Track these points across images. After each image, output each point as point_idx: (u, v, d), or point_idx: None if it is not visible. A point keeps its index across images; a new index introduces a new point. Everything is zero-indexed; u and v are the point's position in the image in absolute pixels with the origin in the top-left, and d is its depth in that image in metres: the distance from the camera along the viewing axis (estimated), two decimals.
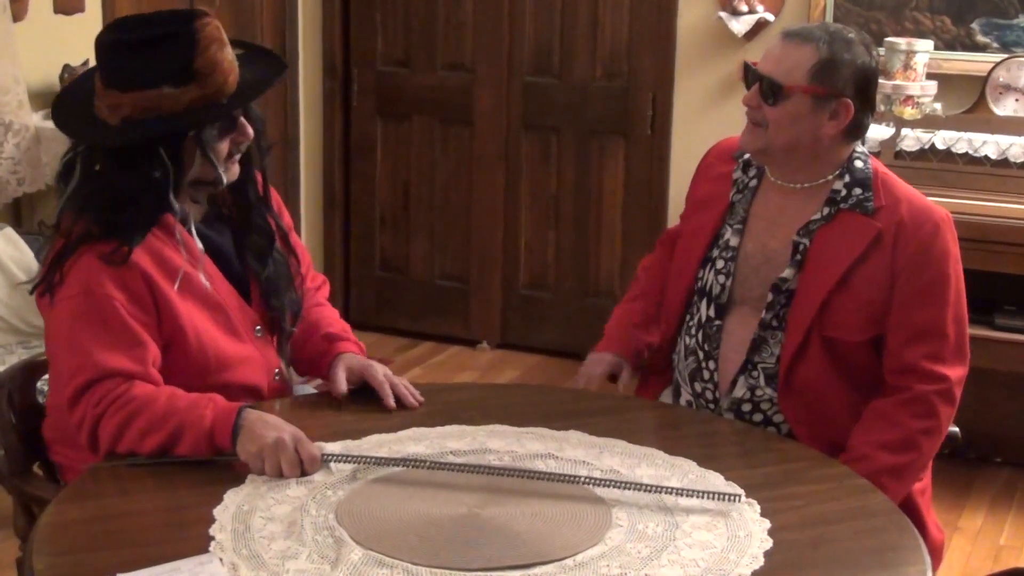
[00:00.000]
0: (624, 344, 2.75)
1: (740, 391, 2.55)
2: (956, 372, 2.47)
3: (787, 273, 2.51)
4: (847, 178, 2.51)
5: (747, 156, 2.62)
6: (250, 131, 2.36)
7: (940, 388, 2.44)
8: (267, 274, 2.46)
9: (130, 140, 2.25)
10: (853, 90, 2.46)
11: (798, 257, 2.51)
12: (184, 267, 2.30)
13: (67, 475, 2.40)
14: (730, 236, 2.60)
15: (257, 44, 2.50)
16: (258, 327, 2.45)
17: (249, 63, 2.35)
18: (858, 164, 2.53)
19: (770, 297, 2.52)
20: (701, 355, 2.60)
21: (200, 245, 2.35)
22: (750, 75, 2.51)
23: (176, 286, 2.29)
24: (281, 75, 2.45)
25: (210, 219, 2.44)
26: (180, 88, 2.24)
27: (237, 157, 2.38)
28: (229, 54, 2.30)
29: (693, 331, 2.62)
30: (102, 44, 2.30)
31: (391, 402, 2.41)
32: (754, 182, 2.62)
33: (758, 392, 2.54)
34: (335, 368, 2.48)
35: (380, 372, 2.46)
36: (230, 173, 2.38)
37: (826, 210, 2.51)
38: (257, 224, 2.47)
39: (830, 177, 2.53)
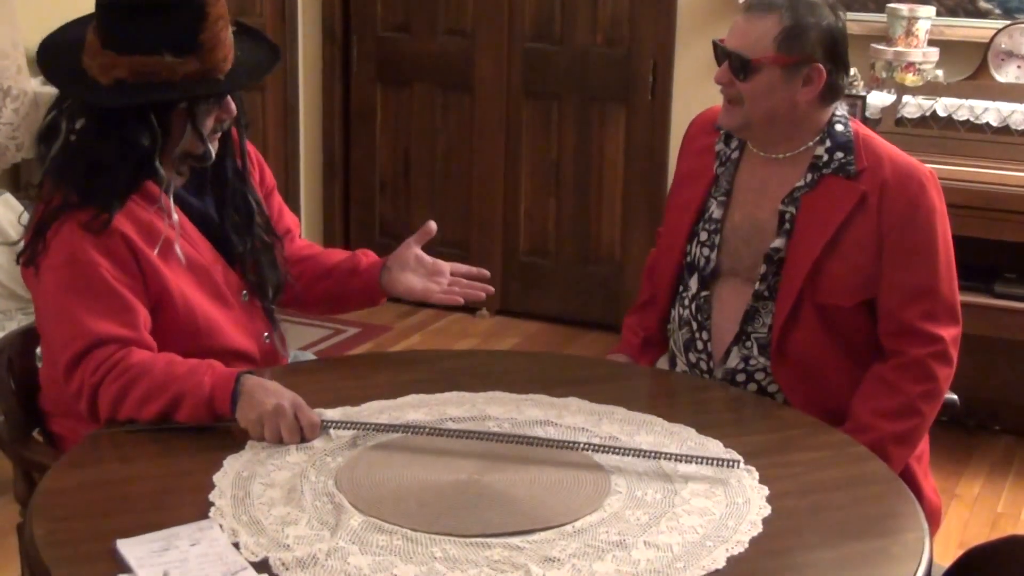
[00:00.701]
0: (633, 346, 2.76)
1: (734, 361, 2.55)
2: (950, 331, 2.46)
3: (778, 243, 2.50)
4: (828, 143, 2.50)
5: None
6: (234, 108, 2.36)
7: (936, 350, 2.44)
8: (247, 249, 2.46)
9: (124, 103, 2.24)
10: (822, 53, 2.44)
11: (786, 226, 2.50)
12: (166, 232, 2.30)
13: (67, 445, 2.40)
14: (714, 209, 2.59)
15: (250, 25, 2.50)
16: (244, 292, 2.45)
17: (241, 42, 2.35)
18: (838, 128, 2.52)
19: (763, 268, 2.51)
20: (694, 326, 2.60)
21: (175, 217, 2.34)
22: (718, 52, 2.50)
23: (156, 251, 2.28)
24: (277, 61, 2.46)
25: (194, 187, 2.44)
26: (181, 58, 2.23)
27: (219, 134, 2.38)
28: (230, 33, 2.30)
29: (686, 303, 2.62)
30: (104, 4, 2.27)
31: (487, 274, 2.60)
32: (736, 153, 2.61)
33: (752, 362, 2.54)
34: (399, 258, 2.68)
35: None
36: (212, 148, 2.36)
37: (809, 176, 2.50)
38: (235, 200, 2.47)
39: (811, 143, 2.52)
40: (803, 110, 2.48)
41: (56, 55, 2.36)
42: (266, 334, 2.49)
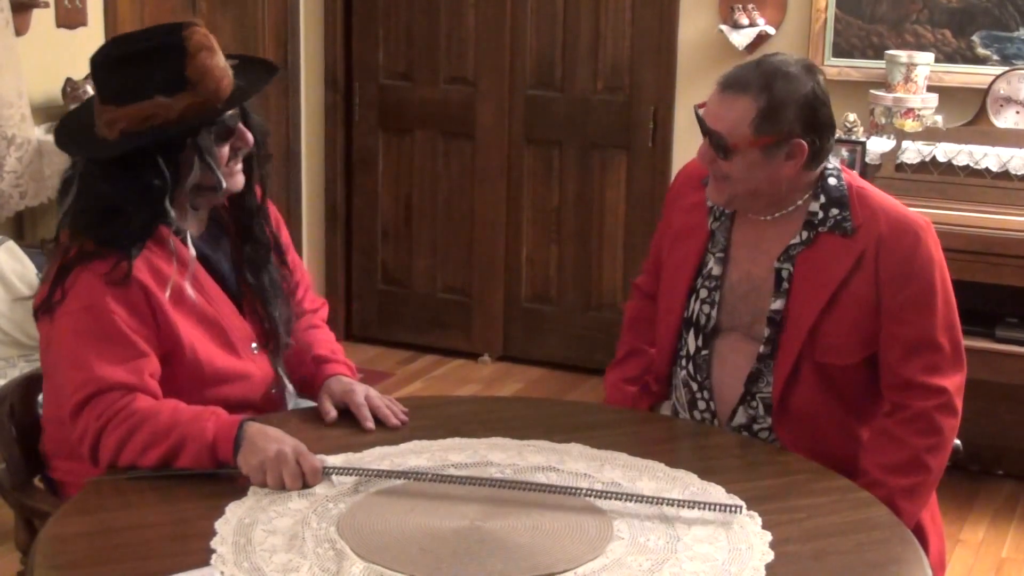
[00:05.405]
0: (624, 400, 2.74)
1: (740, 420, 2.54)
2: (954, 381, 2.43)
3: (778, 304, 2.47)
4: (822, 198, 2.46)
5: None
6: (249, 137, 2.39)
7: (940, 402, 2.41)
8: (261, 285, 2.48)
9: (126, 150, 2.27)
10: (801, 127, 2.37)
11: (785, 285, 2.47)
12: (175, 277, 2.31)
13: (67, 491, 2.40)
14: (713, 265, 2.56)
15: (249, 55, 2.53)
16: (254, 343, 2.46)
17: (244, 72, 2.38)
18: (832, 182, 2.47)
19: (767, 331, 2.48)
20: (695, 386, 2.58)
21: (193, 252, 2.36)
22: (700, 125, 2.44)
23: (167, 294, 2.30)
24: (272, 76, 2.48)
25: (207, 234, 2.45)
26: (173, 97, 2.26)
27: (239, 165, 2.39)
28: (220, 60, 2.32)
29: (684, 363, 2.60)
30: (96, 62, 2.34)
31: (369, 424, 2.39)
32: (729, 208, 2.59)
33: (759, 421, 2.52)
34: (320, 396, 2.49)
35: (360, 394, 2.45)
36: (233, 181, 2.39)
37: (805, 234, 2.46)
38: (254, 235, 2.49)
39: (800, 202, 2.48)
40: (790, 181, 2.44)
41: (70, 127, 2.43)
42: (273, 389, 2.49)
